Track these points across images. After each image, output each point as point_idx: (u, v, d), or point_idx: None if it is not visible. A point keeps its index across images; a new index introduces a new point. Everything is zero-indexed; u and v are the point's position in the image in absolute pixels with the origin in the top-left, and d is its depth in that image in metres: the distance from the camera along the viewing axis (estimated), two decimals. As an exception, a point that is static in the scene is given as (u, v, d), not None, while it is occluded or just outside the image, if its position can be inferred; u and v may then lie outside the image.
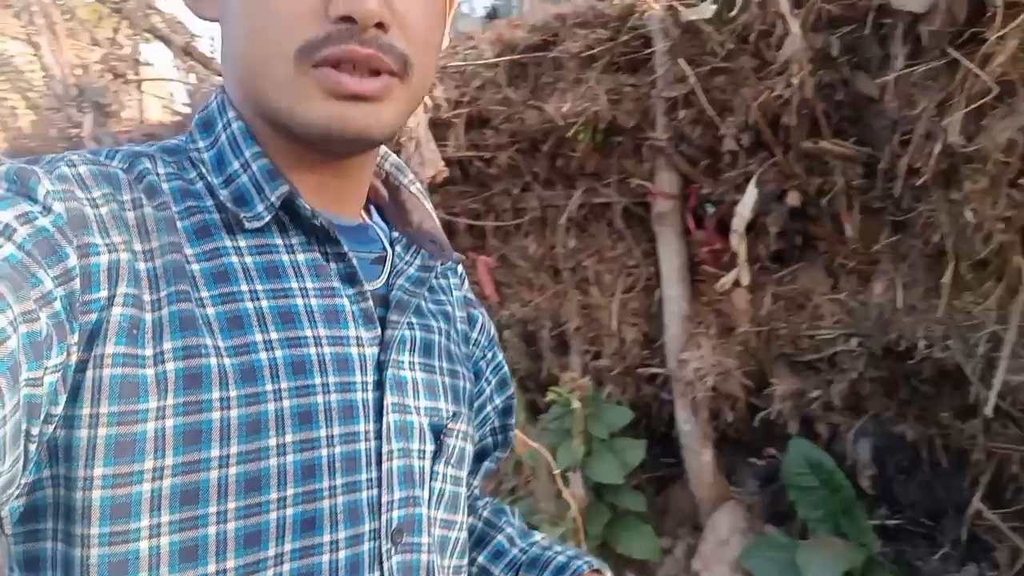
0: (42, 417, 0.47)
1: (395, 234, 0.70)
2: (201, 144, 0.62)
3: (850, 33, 1.91)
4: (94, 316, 0.49)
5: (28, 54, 4.13)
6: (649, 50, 2.29)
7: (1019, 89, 1.58)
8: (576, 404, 2.45)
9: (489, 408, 0.81)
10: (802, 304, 2.23)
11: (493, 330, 0.83)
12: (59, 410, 0.48)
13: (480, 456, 0.82)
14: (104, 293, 0.50)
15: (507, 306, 2.74)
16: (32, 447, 0.47)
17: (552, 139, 2.47)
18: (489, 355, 0.82)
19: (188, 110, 3.43)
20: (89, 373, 0.49)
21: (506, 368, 0.84)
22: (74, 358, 0.48)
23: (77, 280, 0.48)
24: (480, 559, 0.83)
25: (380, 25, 0.54)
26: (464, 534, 0.71)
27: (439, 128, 2.55)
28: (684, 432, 2.49)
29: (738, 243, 2.18)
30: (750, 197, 2.13)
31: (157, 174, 0.58)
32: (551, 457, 2.37)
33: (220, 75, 2.49)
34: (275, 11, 0.55)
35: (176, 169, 0.60)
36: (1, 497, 0.45)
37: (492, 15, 4.18)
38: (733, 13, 2.05)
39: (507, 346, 2.77)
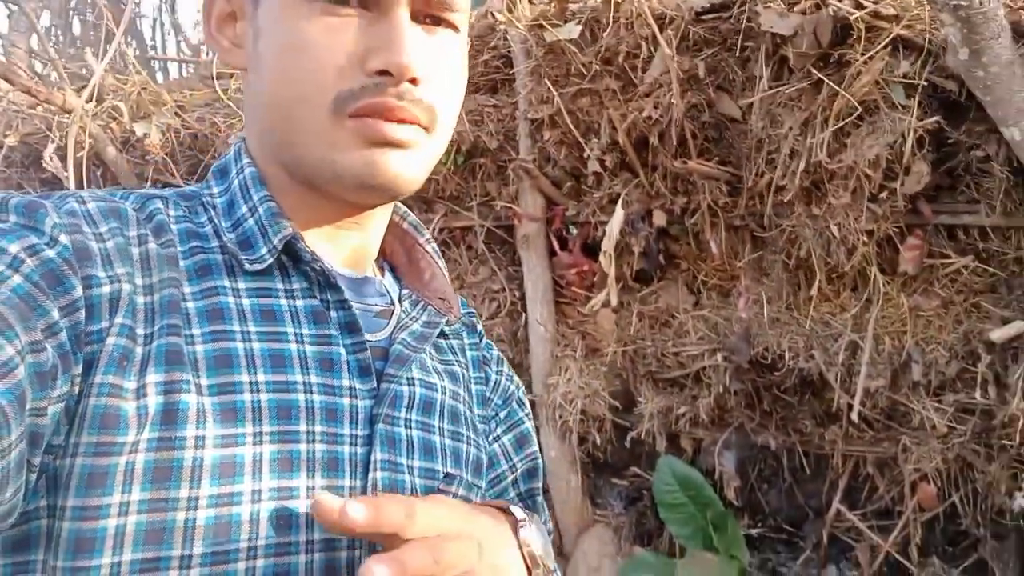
0: (43, 447, 0.47)
1: (405, 291, 0.70)
2: (216, 190, 0.63)
3: (714, 55, 1.98)
4: (96, 347, 0.50)
5: None
6: (511, 70, 2.26)
7: (881, 108, 1.70)
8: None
9: (506, 467, 0.77)
10: (666, 322, 2.27)
11: (513, 387, 0.80)
12: (60, 440, 0.49)
13: None
14: (105, 324, 0.50)
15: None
16: (32, 476, 0.47)
17: (408, 160, 2.38)
18: (503, 414, 0.78)
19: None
20: (82, 403, 0.49)
21: (528, 426, 0.79)
22: (77, 389, 0.49)
23: (82, 312, 0.49)
24: None
25: (413, 80, 0.56)
26: None
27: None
28: (550, 459, 2.44)
29: (608, 264, 2.18)
30: (618, 217, 2.14)
31: (168, 215, 0.59)
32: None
33: (28, 92, 2.16)
34: (311, 62, 0.56)
35: (187, 212, 0.61)
36: (1, 526, 0.45)
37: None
38: (596, 34, 2.07)
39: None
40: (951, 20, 1.55)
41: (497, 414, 0.78)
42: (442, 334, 0.71)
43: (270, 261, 0.58)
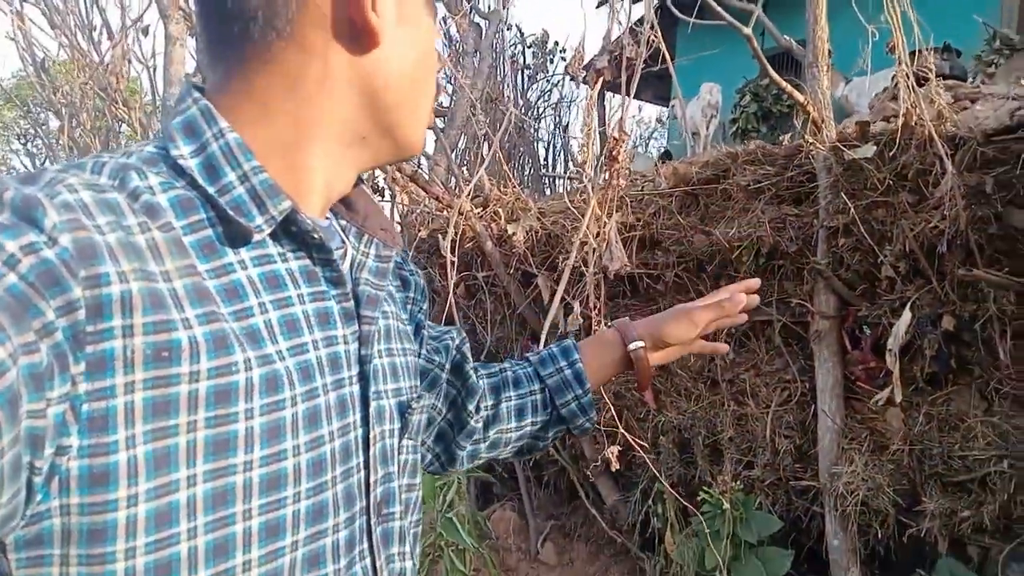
0: (49, 449, 0.47)
1: (343, 222, 0.74)
2: (185, 150, 0.61)
3: (1004, 173, 2.11)
4: (108, 345, 0.50)
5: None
6: (813, 184, 2.55)
7: None
8: (726, 506, 2.59)
9: (448, 339, 0.96)
10: (955, 425, 2.32)
11: (423, 280, 0.91)
12: (72, 441, 0.49)
13: (459, 368, 0.97)
14: (118, 322, 0.50)
15: (664, 413, 2.95)
16: (37, 479, 0.47)
17: (717, 260, 2.74)
18: (424, 306, 0.91)
19: (397, 227, 3.95)
20: (120, 400, 0.50)
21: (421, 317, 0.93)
22: (82, 388, 0.49)
23: (82, 311, 0.49)
24: (505, 394, 1.01)
25: None
26: (420, 492, 0.79)
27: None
28: (832, 547, 2.56)
29: (892, 362, 2.33)
30: (905, 319, 2.30)
31: (151, 187, 0.57)
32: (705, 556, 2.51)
33: (437, 199, 2.93)
34: (434, 66, 0.71)
35: (167, 178, 0.59)
36: (2, 530, 0.47)
37: (666, 156, 4.60)
38: (892, 153, 2.29)
39: (662, 452, 2.96)
40: None
41: (422, 308, 0.90)
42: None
43: (267, 232, 0.61)
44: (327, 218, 0.72)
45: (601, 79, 2.13)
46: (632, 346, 1.02)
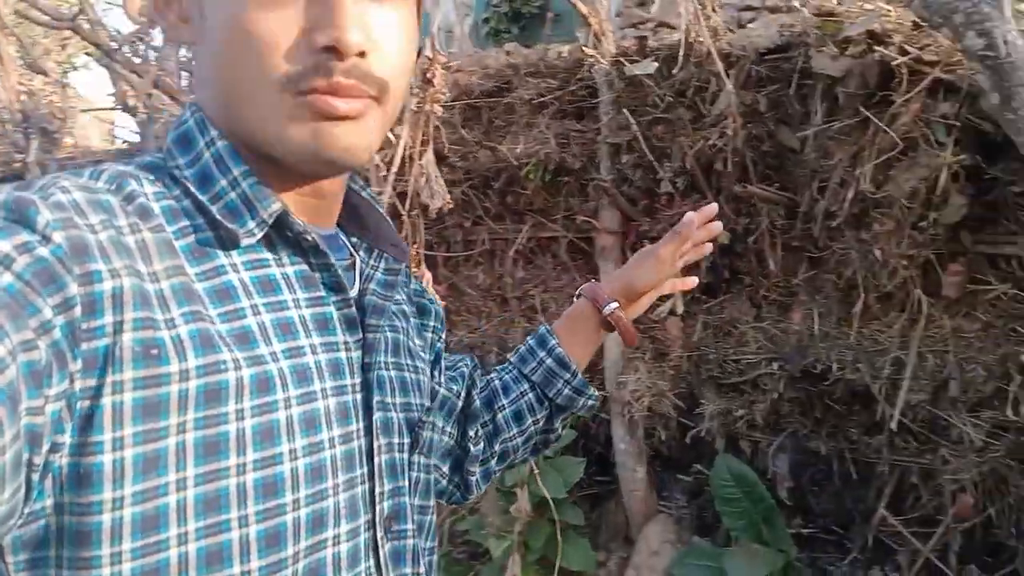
0: (46, 446, 0.47)
1: (353, 239, 0.73)
2: (181, 161, 0.61)
3: (776, 92, 2.18)
4: (100, 343, 0.49)
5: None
6: (595, 100, 2.52)
7: (920, 145, 1.87)
8: (521, 424, 2.62)
9: (463, 366, 0.97)
10: (729, 331, 2.47)
11: (442, 309, 0.92)
12: (65, 438, 0.48)
13: (468, 395, 0.95)
14: (109, 319, 0.50)
15: (455, 332, 2.90)
16: (35, 477, 0.47)
17: (503, 177, 2.67)
18: (443, 335, 0.91)
19: (137, 139, 3.50)
20: (107, 400, 0.49)
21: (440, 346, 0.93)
22: (78, 385, 0.49)
23: (78, 308, 0.49)
24: (498, 404, 0.98)
25: (361, 53, 0.56)
26: (433, 517, 0.76)
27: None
28: (619, 450, 2.69)
29: (674, 275, 2.41)
30: (685, 234, 2.37)
31: (146, 194, 0.57)
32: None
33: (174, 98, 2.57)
34: (257, 39, 0.55)
35: (162, 187, 0.59)
36: (1, 529, 0.45)
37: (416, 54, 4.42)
38: (674, 71, 2.30)
39: (452, 371, 2.92)
40: (981, 68, 1.71)
41: (441, 337, 0.89)
42: None
43: (260, 235, 0.60)
44: (335, 231, 0.70)
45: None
46: (607, 309, 1.00)
